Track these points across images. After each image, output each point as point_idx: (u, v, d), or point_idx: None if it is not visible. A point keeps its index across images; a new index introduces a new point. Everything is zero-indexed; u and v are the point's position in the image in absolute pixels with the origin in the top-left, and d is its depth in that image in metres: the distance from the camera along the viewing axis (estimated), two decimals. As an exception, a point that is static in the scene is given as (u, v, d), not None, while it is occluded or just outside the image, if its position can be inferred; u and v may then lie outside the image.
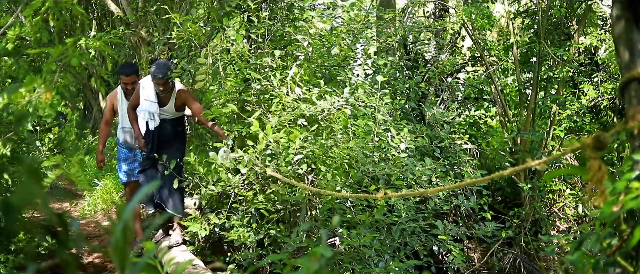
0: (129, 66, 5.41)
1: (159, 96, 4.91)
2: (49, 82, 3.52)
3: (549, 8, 7.61)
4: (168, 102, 4.98)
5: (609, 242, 1.41)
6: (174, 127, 5.14)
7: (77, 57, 3.64)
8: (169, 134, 5.09)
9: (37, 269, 0.99)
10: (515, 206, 7.41)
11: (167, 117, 5.04)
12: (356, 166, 4.66)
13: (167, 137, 5.07)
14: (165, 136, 5.06)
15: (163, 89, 4.81)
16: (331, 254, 1.02)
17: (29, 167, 0.97)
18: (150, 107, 4.94)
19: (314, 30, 5.32)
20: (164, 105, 4.98)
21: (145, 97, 4.94)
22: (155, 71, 4.77)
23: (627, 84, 1.56)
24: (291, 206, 4.92)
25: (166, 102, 4.98)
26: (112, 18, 8.00)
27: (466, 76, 9.35)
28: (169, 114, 5.03)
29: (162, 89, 4.81)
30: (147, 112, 4.93)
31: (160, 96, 4.92)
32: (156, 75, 4.75)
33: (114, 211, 7.12)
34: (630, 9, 1.60)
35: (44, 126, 9.97)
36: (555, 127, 8.02)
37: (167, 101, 4.97)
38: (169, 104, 4.99)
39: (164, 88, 4.82)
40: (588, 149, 1.41)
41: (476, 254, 7.46)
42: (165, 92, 4.86)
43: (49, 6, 3.89)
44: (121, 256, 0.97)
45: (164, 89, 4.82)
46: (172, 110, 5.01)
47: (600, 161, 1.40)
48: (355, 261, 4.46)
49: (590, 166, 1.39)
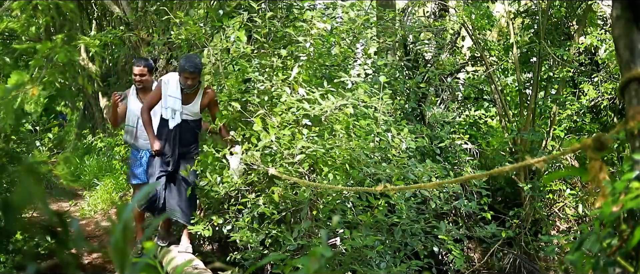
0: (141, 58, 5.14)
1: (182, 93, 4.59)
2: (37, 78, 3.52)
3: (549, 8, 7.61)
4: (193, 101, 4.66)
5: (609, 242, 1.41)
6: (194, 129, 4.78)
7: (64, 53, 3.63)
8: (190, 137, 4.74)
9: (37, 269, 0.99)
10: (515, 206, 7.41)
11: (188, 117, 4.68)
12: (358, 167, 4.66)
13: (187, 141, 4.71)
14: (186, 138, 4.70)
15: (191, 84, 4.50)
16: (331, 255, 1.02)
17: (28, 167, 0.97)
18: (174, 103, 4.58)
19: (315, 30, 5.32)
20: (188, 103, 4.65)
21: (169, 93, 4.58)
22: (185, 64, 4.44)
23: (627, 84, 1.56)
24: (293, 206, 4.92)
25: (191, 100, 4.65)
26: (112, 18, 8.01)
27: (466, 76, 9.35)
28: (191, 114, 4.69)
29: (190, 84, 4.49)
30: (170, 109, 4.57)
31: (185, 94, 4.59)
32: (187, 68, 4.41)
33: (113, 211, 7.13)
34: (630, 9, 1.60)
35: (44, 125, 9.99)
36: (555, 127, 8.03)
37: (191, 99, 4.65)
38: (194, 103, 4.66)
39: (193, 83, 4.50)
40: (589, 150, 1.41)
41: (476, 254, 7.46)
42: (191, 88, 4.54)
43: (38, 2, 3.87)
44: (121, 256, 0.97)
45: (193, 83, 4.51)
46: (196, 109, 4.68)
47: (601, 161, 1.40)
48: (357, 262, 4.46)
49: (591, 166, 1.39)
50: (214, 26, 5.59)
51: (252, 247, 4.71)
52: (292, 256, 4.61)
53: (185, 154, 4.69)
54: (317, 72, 5.63)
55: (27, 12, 4.37)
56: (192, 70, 4.41)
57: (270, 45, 5.35)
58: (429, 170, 4.80)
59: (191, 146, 4.72)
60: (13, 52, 7.36)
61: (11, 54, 7.46)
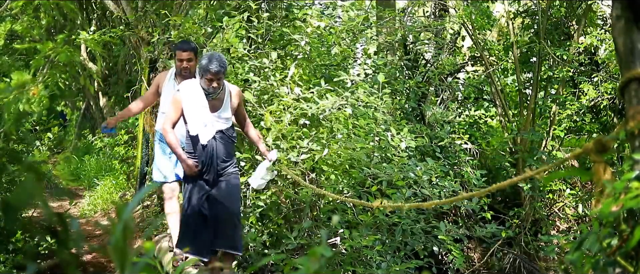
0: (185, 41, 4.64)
1: (207, 99, 3.87)
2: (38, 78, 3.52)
3: (549, 8, 7.61)
4: (221, 105, 3.92)
5: (609, 242, 1.41)
6: (230, 138, 4.00)
7: (66, 53, 3.61)
8: (228, 148, 3.98)
9: (37, 269, 0.99)
10: (515, 206, 7.41)
11: (222, 125, 3.93)
12: (358, 166, 4.67)
13: (226, 153, 3.95)
14: (223, 151, 3.92)
15: (217, 86, 3.81)
16: (331, 254, 1.02)
17: (29, 166, 0.97)
18: (202, 114, 3.86)
19: (311, 29, 5.32)
20: (215, 110, 3.91)
21: (193, 103, 3.85)
22: (208, 63, 3.77)
23: (627, 84, 1.56)
24: (293, 206, 4.93)
25: (219, 105, 3.91)
26: (112, 18, 8.01)
27: (466, 76, 9.35)
28: (223, 120, 3.93)
29: (217, 87, 3.81)
30: (199, 121, 3.86)
31: (211, 99, 3.87)
32: (211, 68, 3.74)
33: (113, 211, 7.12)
34: (630, 9, 1.60)
35: (44, 125, 9.99)
36: (555, 127, 8.03)
37: (219, 103, 3.92)
38: (223, 107, 3.93)
39: (219, 84, 3.82)
40: (591, 154, 1.41)
41: (476, 254, 7.46)
42: (217, 91, 3.84)
43: (41, 2, 3.87)
44: (121, 256, 0.97)
45: (219, 85, 3.82)
46: (227, 114, 3.95)
47: (605, 164, 1.40)
48: (357, 262, 4.46)
49: (596, 169, 1.39)
50: (214, 26, 5.60)
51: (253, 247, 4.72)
52: (292, 255, 4.62)
53: (224, 171, 3.94)
54: (317, 72, 5.64)
55: (29, 13, 4.36)
56: (217, 69, 3.76)
57: (268, 45, 5.35)
58: (430, 169, 4.81)
59: (230, 160, 3.99)
60: (14, 52, 7.37)
61: (12, 54, 7.48)
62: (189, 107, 3.86)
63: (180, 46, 4.46)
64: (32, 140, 8.66)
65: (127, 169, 8.46)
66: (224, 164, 3.92)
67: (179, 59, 4.42)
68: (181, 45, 4.46)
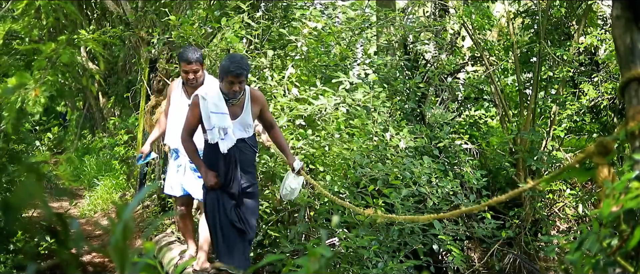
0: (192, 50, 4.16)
1: (228, 105, 3.62)
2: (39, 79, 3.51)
3: (549, 8, 7.61)
4: (242, 111, 3.66)
5: (609, 242, 1.41)
6: (252, 147, 3.77)
7: (68, 54, 3.60)
8: (250, 157, 3.76)
9: (37, 269, 0.99)
10: (515, 206, 7.41)
11: (243, 133, 3.68)
12: (355, 167, 4.67)
13: (248, 163, 3.73)
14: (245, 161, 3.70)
15: (239, 90, 3.56)
16: (331, 255, 1.02)
17: (29, 166, 0.97)
18: (221, 121, 3.58)
19: (307, 29, 5.31)
20: (236, 116, 3.65)
21: (212, 110, 3.58)
22: (230, 65, 3.50)
23: (627, 84, 1.57)
24: (290, 207, 4.93)
25: (239, 111, 3.66)
26: (111, 18, 8.01)
27: (466, 75, 9.35)
28: (245, 127, 3.69)
29: (238, 90, 3.56)
30: (218, 128, 3.58)
31: (231, 105, 3.62)
32: (232, 69, 3.47)
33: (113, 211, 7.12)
34: (630, 9, 1.60)
35: (44, 125, 10.00)
36: (555, 127, 8.03)
37: (239, 109, 3.66)
38: (244, 113, 3.67)
39: (241, 88, 3.57)
40: (594, 156, 1.41)
41: (476, 254, 7.46)
42: (238, 96, 3.60)
43: (41, 3, 3.86)
44: (121, 256, 0.97)
45: (240, 89, 3.57)
46: (249, 120, 3.69)
47: (609, 166, 1.40)
48: (354, 263, 4.46)
49: (600, 171, 1.39)
50: (213, 26, 5.61)
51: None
52: (291, 256, 4.62)
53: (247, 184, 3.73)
54: (317, 72, 5.64)
55: (30, 14, 4.35)
56: (239, 72, 3.49)
57: (265, 46, 5.35)
58: (427, 168, 4.81)
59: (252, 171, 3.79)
60: (15, 53, 7.37)
61: (13, 54, 7.48)
62: (208, 113, 3.57)
63: (184, 57, 4.09)
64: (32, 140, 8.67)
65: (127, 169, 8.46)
66: (247, 176, 3.70)
67: (184, 71, 4.10)
68: (186, 57, 4.08)
